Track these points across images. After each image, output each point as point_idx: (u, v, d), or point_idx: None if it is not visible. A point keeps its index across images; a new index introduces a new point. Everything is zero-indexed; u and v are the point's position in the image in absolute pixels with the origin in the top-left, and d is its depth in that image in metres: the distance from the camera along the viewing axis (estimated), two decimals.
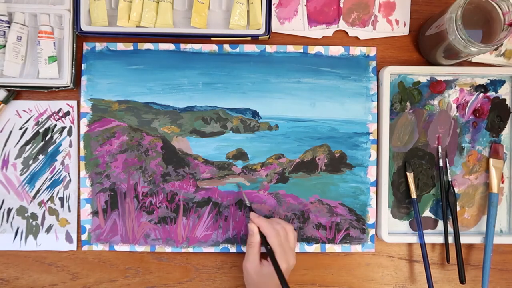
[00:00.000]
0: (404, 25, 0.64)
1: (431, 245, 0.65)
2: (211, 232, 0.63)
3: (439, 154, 0.63)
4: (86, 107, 0.62)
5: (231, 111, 0.63)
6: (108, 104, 0.63)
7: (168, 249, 0.63)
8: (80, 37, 0.62)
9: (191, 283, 0.63)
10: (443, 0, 0.65)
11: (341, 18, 0.64)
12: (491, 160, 0.63)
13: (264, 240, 0.55)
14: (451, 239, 0.62)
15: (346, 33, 0.64)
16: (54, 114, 0.63)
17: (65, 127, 0.63)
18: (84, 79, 0.62)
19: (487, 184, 0.64)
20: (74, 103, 0.63)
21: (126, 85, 0.63)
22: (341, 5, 0.63)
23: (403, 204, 0.64)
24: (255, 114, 0.63)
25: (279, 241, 0.54)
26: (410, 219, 0.64)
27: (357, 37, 0.64)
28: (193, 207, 0.63)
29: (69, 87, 0.61)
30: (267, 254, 0.55)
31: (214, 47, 0.63)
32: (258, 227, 0.56)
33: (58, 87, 0.61)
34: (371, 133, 0.63)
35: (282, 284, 0.52)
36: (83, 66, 0.62)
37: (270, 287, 0.54)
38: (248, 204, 0.61)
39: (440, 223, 0.64)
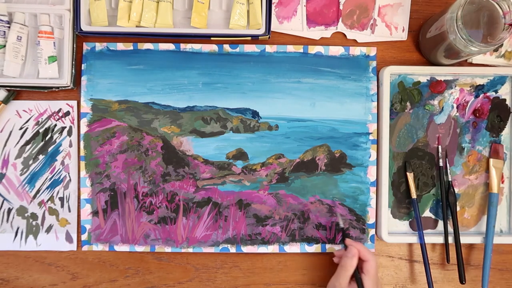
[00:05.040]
0: (403, 30, 0.64)
1: (431, 245, 0.65)
2: (211, 232, 0.63)
3: (439, 154, 0.63)
4: (86, 107, 0.62)
5: (231, 111, 0.63)
6: (108, 104, 0.63)
7: (168, 249, 0.63)
8: (80, 37, 0.62)
9: (191, 283, 0.63)
10: (443, 0, 0.65)
11: (340, 20, 0.64)
12: (491, 160, 0.63)
13: (357, 265, 0.56)
14: (451, 239, 0.62)
15: (345, 35, 0.64)
16: (54, 114, 0.63)
17: (65, 127, 0.63)
18: (84, 79, 0.62)
19: (487, 184, 0.64)
20: (74, 103, 0.63)
21: (126, 85, 0.63)
22: (341, 7, 0.63)
23: (403, 204, 0.64)
24: (255, 114, 0.63)
25: (376, 268, 0.56)
26: (410, 219, 0.64)
27: (355, 40, 0.64)
28: (193, 207, 0.63)
29: (69, 87, 0.61)
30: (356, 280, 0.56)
31: (214, 47, 0.63)
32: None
33: (58, 87, 0.61)
34: (371, 133, 0.63)
35: None
36: (83, 66, 0.62)
37: None
38: (342, 226, 0.62)
39: (440, 223, 0.64)
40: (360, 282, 0.56)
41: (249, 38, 0.62)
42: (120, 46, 0.63)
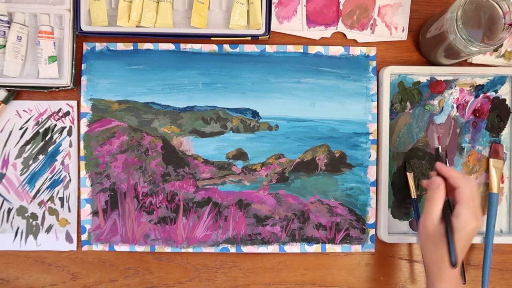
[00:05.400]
0: (403, 30, 0.64)
1: None
2: (211, 232, 0.63)
3: (439, 154, 0.63)
4: (86, 107, 0.62)
5: (231, 111, 0.63)
6: (108, 104, 0.63)
7: (168, 249, 0.63)
8: (80, 37, 0.62)
9: (191, 283, 0.63)
10: (443, 0, 0.65)
11: (340, 20, 0.64)
12: (491, 160, 0.63)
13: (447, 198, 0.49)
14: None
15: (345, 35, 0.64)
16: (54, 114, 0.63)
17: (65, 127, 0.63)
18: (84, 79, 0.62)
19: (487, 184, 0.64)
20: (74, 103, 0.63)
21: (126, 85, 0.63)
22: (341, 7, 0.63)
23: (403, 204, 0.64)
24: (255, 114, 0.63)
25: (472, 195, 0.48)
26: (410, 219, 0.64)
27: (355, 40, 0.64)
28: (193, 207, 0.63)
29: (69, 87, 0.61)
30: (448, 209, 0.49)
31: (214, 47, 0.63)
32: (445, 179, 0.49)
33: (58, 87, 0.61)
34: (371, 133, 0.63)
35: (450, 247, 0.46)
36: (83, 66, 0.62)
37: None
38: (437, 146, 0.54)
39: None
40: (449, 218, 0.48)
41: (249, 38, 0.62)
42: (120, 46, 0.63)
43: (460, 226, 0.48)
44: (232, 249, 0.63)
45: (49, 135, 0.63)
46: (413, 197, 0.62)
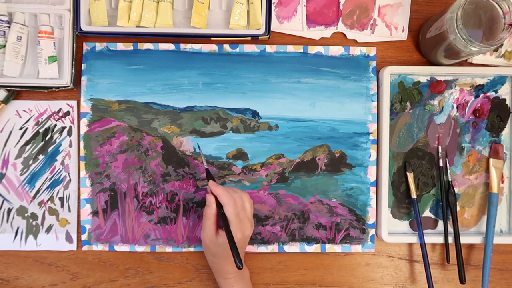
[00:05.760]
0: (403, 30, 0.64)
1: (431, 245, 0.65)
2: None
3: (439, 154, 0.63)
4: (86, 107, 0.62)
5: (231, 111, 0.63)
6: (108, 104, 0.63)
7: (169, 249, 0.63)
8: (80, 37, 0.62)
9: (191, 283, 0.63)
10: (443, 0, 0.65)
11: (340, 20, 0.64)
12: (491, 160, 0.63)
13: (219, 211, 0.54)
14: (451, 239, 0.62)
15: (345, 35, 0.64)
16: (54, 114, 0.63)
17: (65, 127, 0.63)
18: (84, 79, 0.62)
19: (487, 184, 0.64)
20: (74, 103, 0.63)
21: (126, 85, 0.63)
22: (341, 7, 0.63)
23: (403, 204, 0.64)
24: (255, 114, 0.63)
25: (236, 210, 0.54)
26: (410, 219, 0.64)
27: (355, 40, 0.64)
28: (193, 207, 0.63)
29: (69, 87, 0.61)
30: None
31: (214, 47, 0.63)
32: (216, 196, 0.55)
33: (58, 87, 0.61)
34: (371, 133, 0.63)
35: (234, 255, 0.51)
36: (83, 66, 0.62)
37: (226, 257, 0.55)
38: (206, 166, 0.58)
39: (440, 223, 0.64)
40: (227, 228, 0.53)
41: (249, 38, 0.62)
42: (120, 46, 0.63)
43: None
44: None
45: (49, 135, 0.63)
46: (413, 197, 0.62)
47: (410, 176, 0.63)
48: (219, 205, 0.55)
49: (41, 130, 0.63)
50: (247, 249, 0.62)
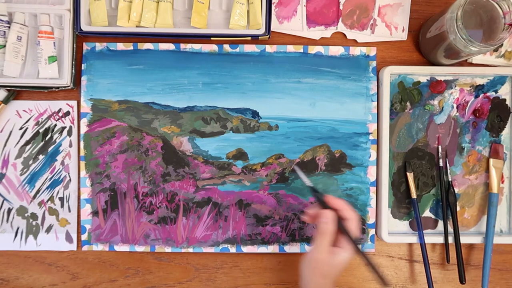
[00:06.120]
0: (403, 30, 0.64)
1: (431, 245, 0.65)
2: (211, 232, 0.63)
3: (439, 154, 0.63)
4: (86, 107, 0.62)
5: (231, 111, 0.63)
6: (108, 104, 0.63)
7: (168, 249, 0.63)
8: (80, 37, 0.62)
9: (191, 283, 0.63)
10: (443, 0, 0.65)
11: (340, 20, 0.64)
12: (491, 160, 0.63)
13: (342, 226, 0.50)
14: (451, 239, 0.62)
15: (345, 35, 0.64)
16: (54, 114, 0.63)
17: (65, 127, 0.63)
18: (84, 79, 0.62)
19: (487, 184, 0.64)
20: (74, 103, 0.63)
21: (126, 85, 0.63)
22: (341, 7, 0.63)
23: (403, 204, 0.64)
24: (255, 114, 0.63)
25: (359, 225, 0.50)
26: (410, 219, 0.64)
27: (355, 40, 0.64)
28: (193, 207, 0.63)
29: (69, 87, 0.61)
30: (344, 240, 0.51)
31: (214, 47, 0.63)
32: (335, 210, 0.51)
33: (58, 87, 0.61)
34: (371, 133, 0.63)
35: (378, 273, 0.48)
36: (83, 66, 0.62)
37: (336, 277, 0.51)
38: (311, 185, 0.54)
39: (440, 223, 0.64)
40: (356, 246, 0.49)
41: (249, 38, 0.62)
42: (120, 46, 0.63)
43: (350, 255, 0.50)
44: (232, 249, 0.63)
45: (49, 135, 0.63)
46: (413, 197, 0.62)
47: (410, 176, 0.63)
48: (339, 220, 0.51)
49: (41, 130, 0.63)
50: (247, 249, 0.63)
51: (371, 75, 0.64)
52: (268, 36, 0.61)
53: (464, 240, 0.62)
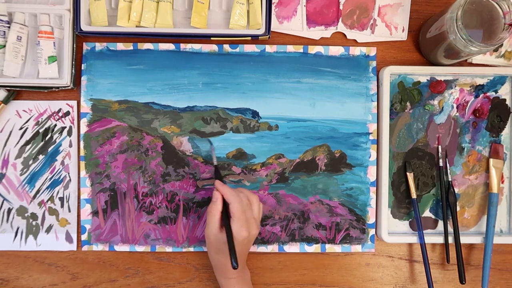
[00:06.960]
0: (403, 30, 0.64)
1: (431, 245, 0.65)
2: None
3: (439, 154, 0.63)
4: (86, 107, 0.62)
5: (231, 111, 0.63)
6: (108, 104, 0.63)
7: (169, 249, 0.63)
8: (80, 37, 0.62)
9: (191, 283, 0.63)
10: (443, 0, 0.65)
11: (340, 20, 0.64)
12: (491, 160, 0.63)
13: (225, 209, 0.55)
14: (451, 239, 0.62)
15: (345, 35, 0.64)
16: (54, 114, 0.63)
17: (65, 127, 0.63)
18: (84, 79, 0.62)
19: (487, 184, 0.64)
20: (74, 103, 0.63)
21: (126, 85, 0.63)
22: (341, 7, 0.63)
23: (403, 204, 0.64)
24: (255, 114, 0.63)
25: (242, 208, 0.54)
26: (410, 219, 0.64)
27: (355, 40, 0.64)
28: (193, 207, 0.63)
29: (69, 87, 0.61)
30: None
31: (214, 47, 0.63)
32: (222, 195, 0.55)
33: (58, 87, 0.61)
34: (371, 133, 0.63)
35: (231, 253, 0.51)
36: (83, 66, 0.62)
37: (243, 254, 0.56)
38: (215, 163, 0.60)
39: (440, 223, 0.64)
40: (228, 227, 0.53)
41: (249, 38, 0.62)
42: (120, 46, 0.63)
43: (234, 235, 0.53)
44: None
45: (49, 135, 0.63)
46: (413, 197, 0.62)
47: (410, 176, 0.63)
48: (225, 204, 0.55)
49: (41, 130, 0.63)
50: None
51: (371, 75, 0.64)
52: (268, 36, 0.61)
53: (464, 240, 0.62)
